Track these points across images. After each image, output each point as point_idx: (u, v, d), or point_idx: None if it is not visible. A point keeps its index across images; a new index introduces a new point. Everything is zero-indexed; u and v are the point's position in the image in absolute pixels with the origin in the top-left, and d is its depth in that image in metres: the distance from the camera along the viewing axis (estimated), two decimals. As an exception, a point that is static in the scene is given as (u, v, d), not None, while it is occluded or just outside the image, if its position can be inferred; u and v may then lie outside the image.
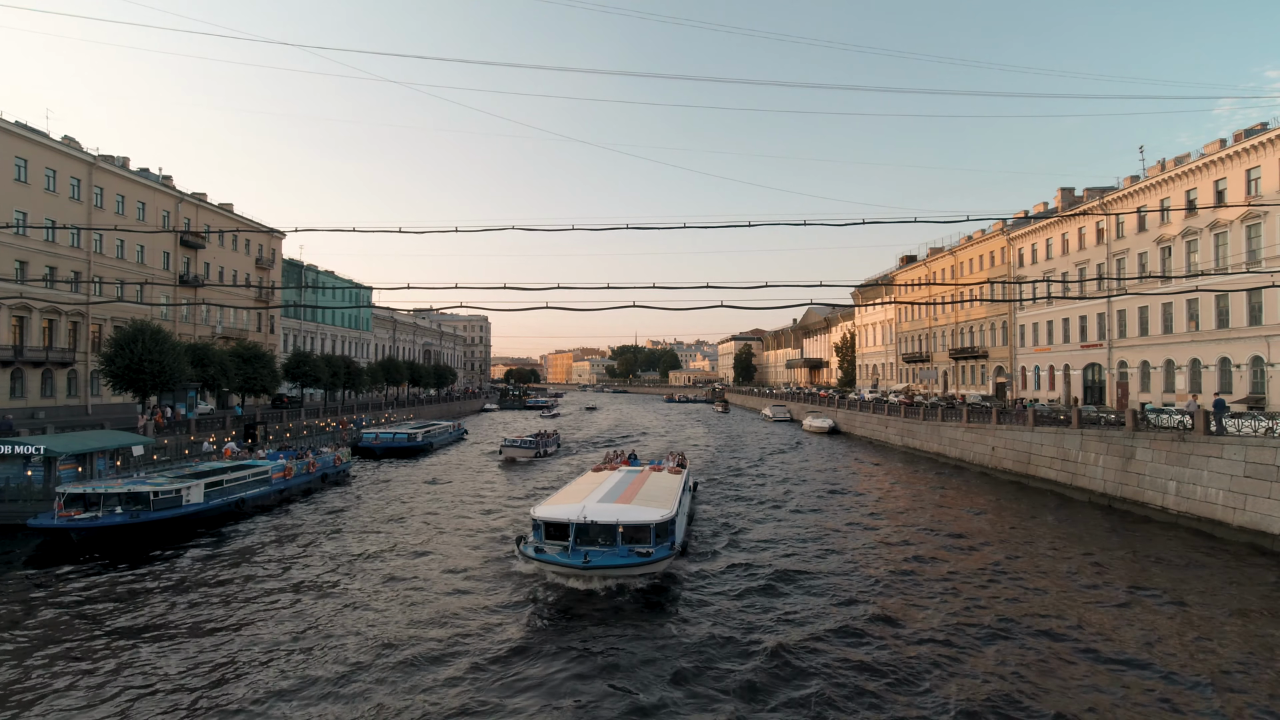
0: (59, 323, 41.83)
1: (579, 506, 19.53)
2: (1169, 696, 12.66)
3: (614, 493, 21.94)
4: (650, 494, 21.93)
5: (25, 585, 19.07)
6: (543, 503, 21.29)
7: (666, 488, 23.43)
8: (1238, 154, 35.33)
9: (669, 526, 19.25)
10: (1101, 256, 46.22)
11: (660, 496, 21.61)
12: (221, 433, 40.45)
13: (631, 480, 24.57)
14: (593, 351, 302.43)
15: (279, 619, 16.48)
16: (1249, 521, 23.01)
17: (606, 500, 20.70)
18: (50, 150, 41.41)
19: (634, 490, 22.57)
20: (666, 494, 22.23)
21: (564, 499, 21.37)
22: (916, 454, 48.30)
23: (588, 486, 23.35)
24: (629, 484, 23.70)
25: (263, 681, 13.17)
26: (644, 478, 25.25)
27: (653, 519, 18.72)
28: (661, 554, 18.26)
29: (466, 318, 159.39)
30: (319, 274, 79.00)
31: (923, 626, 16.03)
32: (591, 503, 20.17)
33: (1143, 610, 17.23)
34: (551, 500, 21.66)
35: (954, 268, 67.81)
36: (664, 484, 24.16)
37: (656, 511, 19.31)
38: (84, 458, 27.35)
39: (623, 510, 19.33)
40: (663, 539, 18.80)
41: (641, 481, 24.28)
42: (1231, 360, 35.60)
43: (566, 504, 20.24)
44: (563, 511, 19.11)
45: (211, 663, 14.01)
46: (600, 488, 22.74)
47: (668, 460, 32.53)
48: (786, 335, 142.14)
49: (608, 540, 18.35)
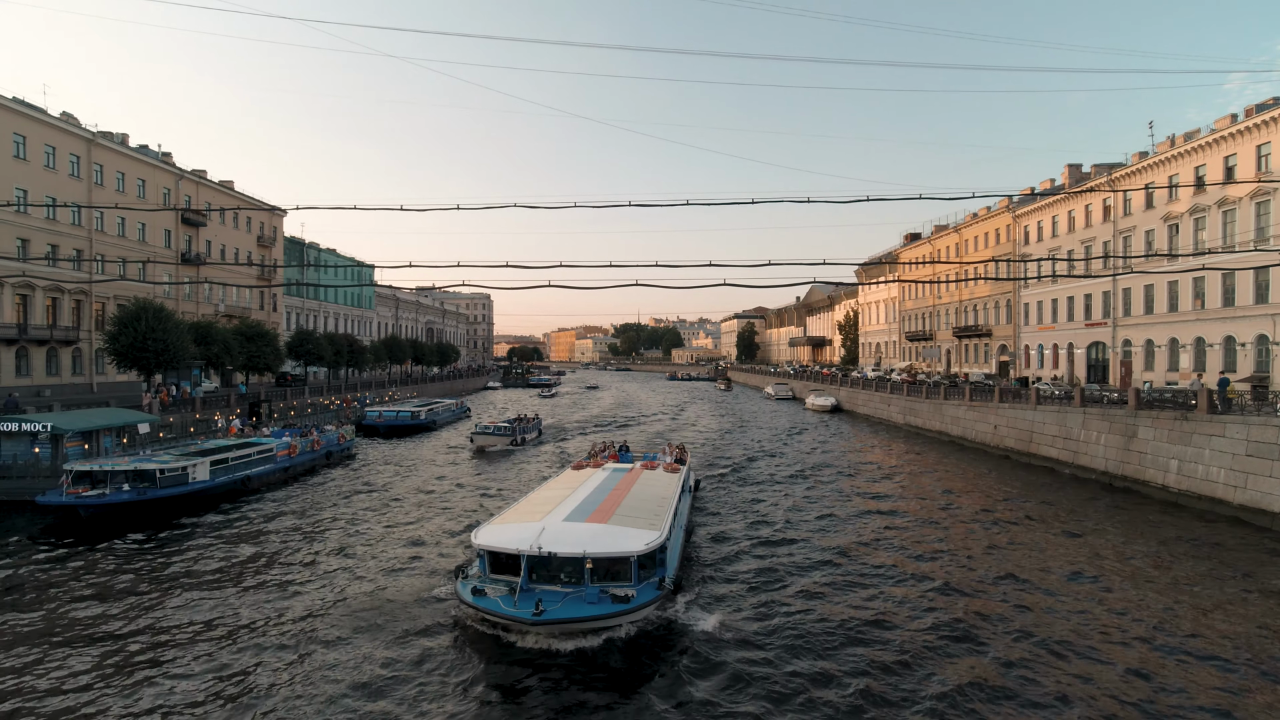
0: (62, 301, 41.85)
1: (537, 527, 14.83)
2: (1170, 672, 12.80)
3: (590, 503, 17.56)
4: (637, 504, 17.66)
5: (34, 561, 19.31)
6: (491, 522, 16.25)
7: (659, 495, 19.05)
8: (1248, 129, 34.83)
9: (657, 556, 14.90)
10: (1108, 234, 45.83)
11: (649, 508, 17.24)
12: (226, 411, 40.64)
13: (617, 482, 20.34)
14: (596, 330, 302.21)
15: (279, 594, 16.70)
16: (1250, 500, 23.09)
17: (577, 516, 16.15)
18: (48, 126, 41.11)
19: (617, 498, 18.31)
20: (658, 504, 17.85)
21: (521, 515, 16.66)
22: (919, 432, 48.40)
23: (558, 493, 18.97)
24: (612, 488, 19.52)
25: (263, 662, 13.37)
26: (633, 479, 21.03)
27: (634, 548, 14.20)
28: (646, 596, 13.95)
29: (469, 295, 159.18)
30: (321, 252, 78.78)
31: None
32: (555, 522, 15.49)
33: (1140, 588, 17.36)
34: (503, 517, 16.68)
35: (958, 245, 67.34)
36: (657, 488, 19.95)
37: (640, 536, 14.79)
38: (91, 435, 27.54)
39: (594, 534, 14.83)
40: (649, 573, 14.58)
41: (629, 485, 20.04)
42: (1237, 339, 35.44)
43: (521, 524, 15.54)
44: (514, 537, 14.55)
45: (214, 638, 14.23)
46: (574, 495, 18.38)
47: (664, 454, 27.46)
48: (789, 313, 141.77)
49: (573, 576, 13.94)
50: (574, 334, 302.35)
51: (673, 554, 16.21)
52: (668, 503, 18.09)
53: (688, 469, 25.03)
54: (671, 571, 15.49)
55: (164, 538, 21.64)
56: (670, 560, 15.70)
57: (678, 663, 13.17)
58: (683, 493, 21.29)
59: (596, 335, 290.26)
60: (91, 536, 21.49)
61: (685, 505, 21.68)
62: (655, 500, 18.28)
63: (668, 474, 22.46)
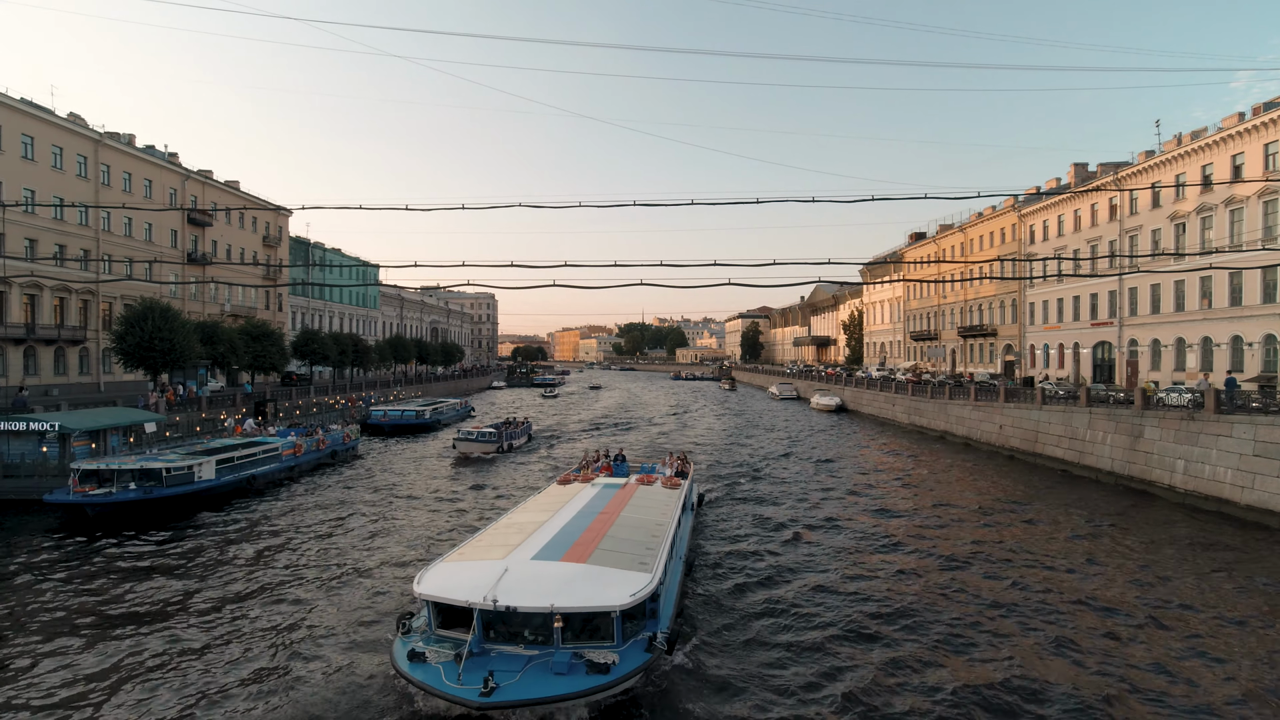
0: (70, 301, 42.05)
1: (497, 569, 11.85)
2: (1179, 671, 12.75)
3: (570, 532, 14.57)
4: (628, 534, 14.70)
5: (42, 558, 19.43)
6: (443, 559, 13.18)
7: (654, 520, 16.23)
8: (1256, 128, 34.63)
9: (647, 606, 11.94)
10: (1114, 233, 45.63)
11: (641, 539, 14.39)
12: (232, 410, 40.79)
13: (607, 503, 17.62)
14: (600, 329, 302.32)
15: (281, 595, 16.76)
16: (1257, 500, 22.97)
17: (551, 552, 13.09)
18: (56, 127, 41.31)
19: (604, 524, 15.33)
20: (652, 534, 14.96)
21: (482, 549, 13.54)
22: (924, 432, 48.28)
23: (534, 518, 15.95)
24: (600, 511, 16.65)
25: (260, 659, 13.44)
26: (626, 497, 18.36)
27: (616, 601, 11.12)
28: (632, 662, 10.96)
29: (474, 295, 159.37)
30: (326, 252, 79.00)
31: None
32: (521, 561, 12.50)
33: (1148, 589, 17.29)
34: (461, 552, 13.53)
35: (964, 244, 67.13)
36: (652, 511, 17.13)
37: (627, 582, 11.78)
38: (98, 434, 27.69)
39: (569, 579, 11.80)
40: (637, 626, 11.66)
41: (620, 506, 17.30)
42: (1244, 339, 35.26)
43: (480, 562, 12.54)
44: (467, 582, 11.48)
45: (217, 636, 14.31)
46: (552, 521, 15.34)
47: (664, 465, 24.40)
48: (794, 313, 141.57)
49: (540, 634, 11.03)
50: (578, 333, 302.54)
51: (667, 600, 13.29)
52: (664, 531, 15.30)
53: (689, 483, 22.27)
54: (666, 623, 12.40)
55: (168, 537, 21.74)
56: (664, 609, 12.75)
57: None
58: (684, 513, 18.74)
59: (601, 335, 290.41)
60: (98, 535, 21.61)
61: (686, 529, 19.11)
62: (649, 528, 15.44)
63: (667, 490, 19.96)
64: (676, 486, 20.44)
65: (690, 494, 21.60)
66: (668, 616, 12.80)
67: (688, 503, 20.45)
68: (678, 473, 23.14)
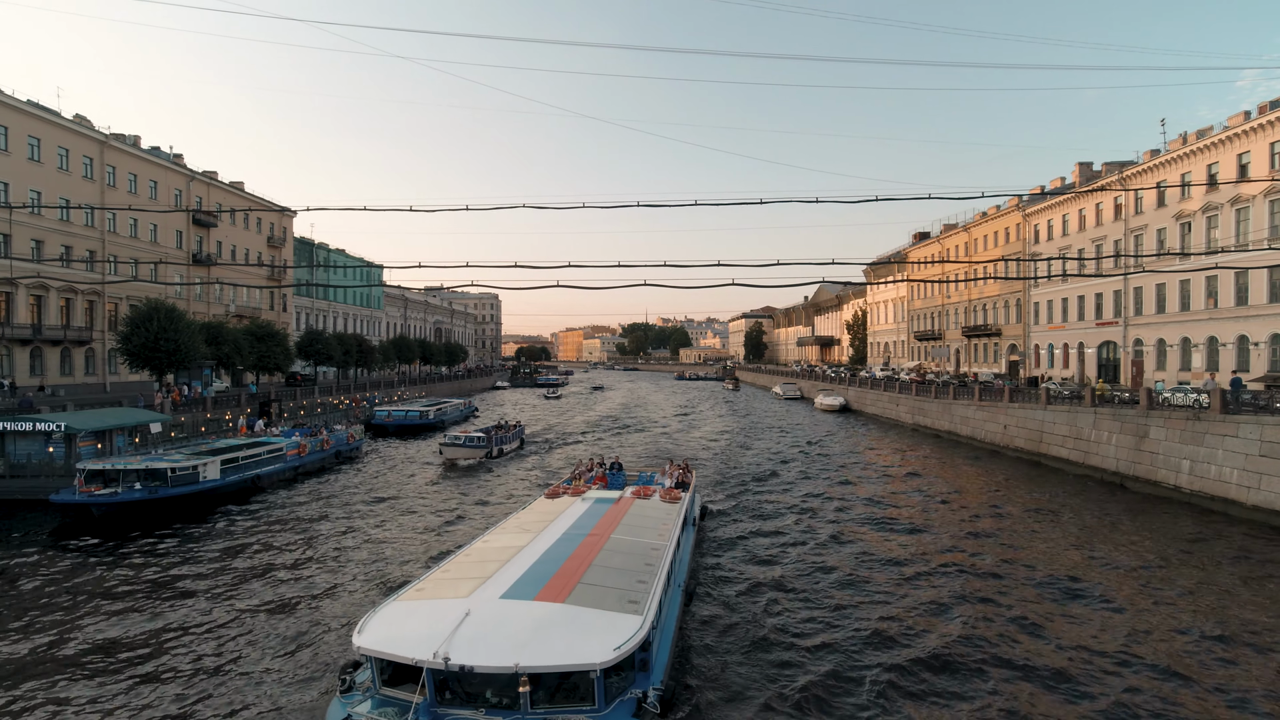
0: (76, 301, 42.27)
1: (457, 612, 9.66)
2: (1191, 672, 12.72)
3: (551, 559, 12.47)
4: (618, 562, 12.70)
5: (48, 558, 19.54)
6: (396, 598, 10.75)
7: (649, 544, 14.07)
8: (1261, 127, 34.49)
9: (637, 658, 9.82)
10: (1119, 233, 45.50)
11: (634, 570, 12.29)
12: (237, 410, 40.94)
13: (597, 521, 15.50)
14: (603, 329, 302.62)
15: (284, 595, 16.83)
16: (1263, 501, 22.87)
17: (524, 588, 10.84)
18: (62, 129, 41.54)
19: (591, 548, 13.26)
20: (646, 562, 12.87)
21: (444, 583, 11.27)
22: (927, 432, 48.20)
23: (512, 540, 13.85)
24: (588, 532, 14.54)
25: (263, 657, 13.49)
26: (619, 514, 16.37)
27: (596, 658, 8.94)
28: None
29: (477, 295, 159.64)
30: (330, 252, 79.27)
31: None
32: (487, 601, 10.24)
33: (1157, 591, 17.23)
34: (419, 588, 11.17)
35: (968, 244, 67.00)
36: (648, 532, 15.02)
37: (611, 630, 9.52)
38: (104, 435, 27.83)
39: (540, 626, 9.57)
40: (623, 682, 9.55)
41: (612, 524, 15.30)
42: (1250, 338, 35.11)
43: (439, 602, 10.31)
44: (417, 632, 9.33)
45: (223, 635, 14.36)
46: (532, 546, 13.26)
47: (663, 475, 22.39)
48: (798, 313, 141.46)
49: (503, 696, 9.03)
50: (582, 334, 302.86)
51: (662, 645, 11.16)
52: (660, 557, 13.13)
53: (691, 495, 20.28)
54: (660, 675, 10.28)
55: (171, 536, 21.84)
56: (658, 657, 10.61)
57: None
58: (684, 530, 16.74)
59: (604, 335, 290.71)
60: (104, 534, 21.72)
61: (687, 549, 17.05)
62: (643, 553, 13.34)
63: (665, 505, 17.96)
64: (676, 500, 18.54)
65: (692, 507, 19.71)
66: (662, 666, 10.67)
67: (689, 518, 18.55)
68: (678, 483, 21.25)
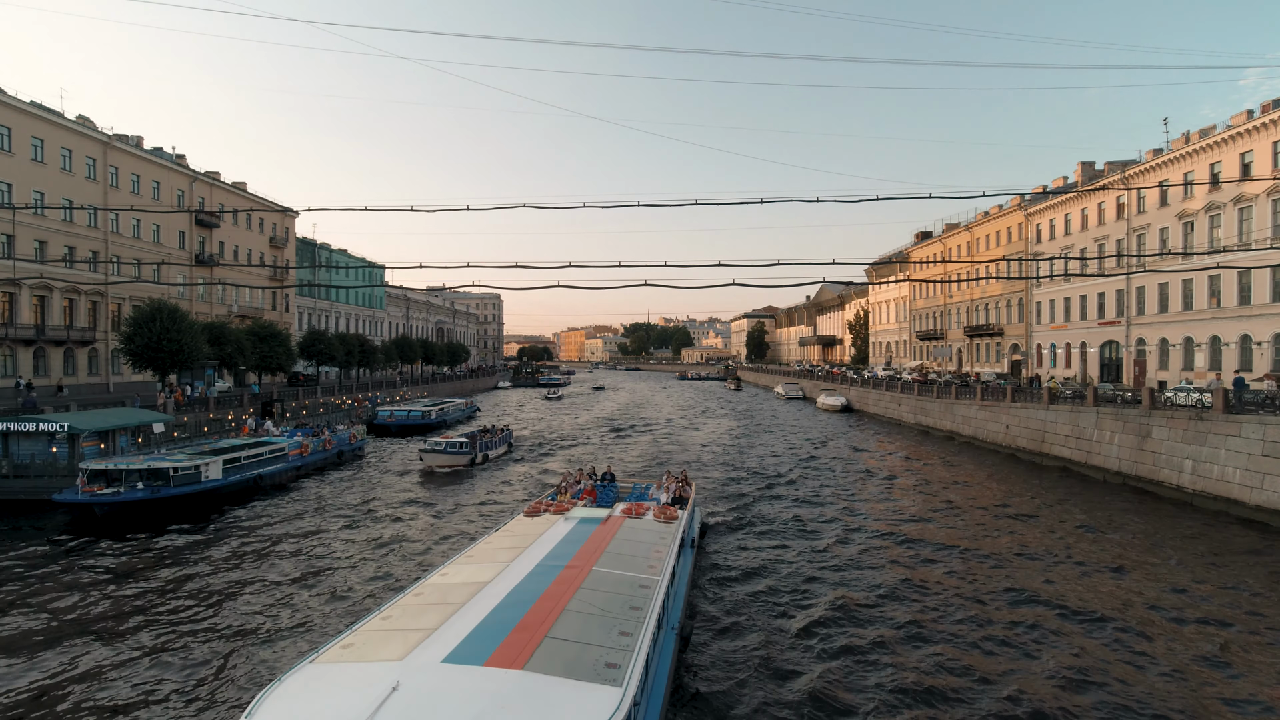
0: (79, 302, 42.37)
1: (384, 683, 7.49)
2: (1189, 672, 12.70)
3: (517, 602, 10.07)
4: (599, 600, 10.52)
5: (51, 558, 19.59)
6: (313, 659, 8.37)
7: (639, 579, 11.76)
8: (1264, 125, 34.41)
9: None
10: (1121, 232, 45.42)
11: (615, 615, 9.97)
12: (239, 410, 41.02)
13: (580, 546, 13.26)
14: (605, 329, 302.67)
15: (281, 595, 16.87)
16: (1266, 500, 22.83)
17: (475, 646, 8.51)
18: (65, 130, 41.64)
19: (568, 585, 10.91)
20: (633, 602, 10.58)
21: (374, 641, 8.79)
22: (930, 432, 48.15)
23: (474, 575, 11.39)
24: (568, 562, 12.19)
25: (268, 654, 13.51)
26: (607, 536, 14.08)
27: None
28: None
29: (479, 296, 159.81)
30: (332, 253, 79.38)
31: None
32: (425, 666, 8.02)
33: (1156, 589, 17.21)
34: (343, 645, 8.73)
35: (970, 244, 66.92)
36: (637, 562, 12.70)
37: (581, 715, 7.28)
38: (106, 435, 27.89)
39: (484, 711, 7.14)
40: None
41: (596, 550, 13.02)
42: (1253, 337, 35.03)
43: (364, 667, 8.07)
44: (324, 714, 7.22)
45: (222, 634, 14.40)
46: (498, 583, 10.86)
47: (659, 488, 20.38)
48: (799, 313, 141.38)
49: None
50: (584, 334, 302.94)
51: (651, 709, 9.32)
52: (649, 598, 10.79)
53: (690, 512, 17.97)
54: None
55: (171, 536, 21.89)
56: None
57: None
58: (680, 557, 14.40)
59: (606, 335, 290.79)
60: (106, 534, 21.77)
61: (683, 579, 14.75)
62: (630, 593, 10.97)
63: (660, 526, 15.68)
64: (672, 520, 16.16)
65: (691, 526, 17.55)
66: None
67: (687, 539, 16.38)
68: (675, 499, 19.08)
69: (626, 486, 21.98)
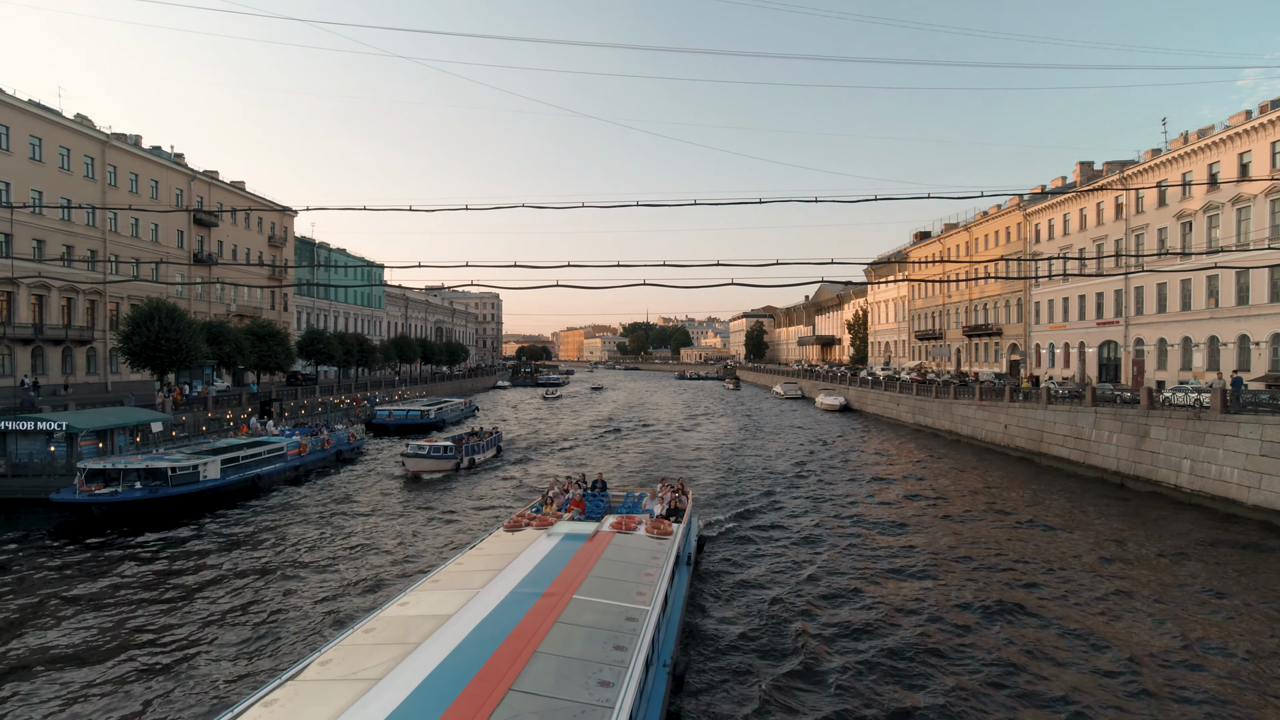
0: (77, 301, 42.32)
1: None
2: (1182, 674, 12.71)
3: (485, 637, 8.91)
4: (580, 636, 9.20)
5: (48, 557, 19.57)
6: (248, 707, 7.13)
7: (625, 610, 10.28)
8: (1263, 126, 34.45)
9: None
10: (1120, 232, 45.46)
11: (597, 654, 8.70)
12: (238, 410, 40.98)
13: (563, 567, 11.96)
14: (604, 329, 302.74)
15: (277, 595, 16.85)
16: (1264, 500, 22.87)
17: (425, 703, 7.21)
18: (63, 129, 41.58)
19: (546, 615, 9.70)
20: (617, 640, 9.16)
21: (301, 698, 7.31)
22: (928, 432, 48.19)
23: (440, 605, 10.07)
24: (546, 589, 10.77)
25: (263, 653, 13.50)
26: (593, 555, 12.77)
27: None
28: None
29: (478, 295, 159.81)
30: (331, 252, 79.34)
31: None
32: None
33: (1152, 590, 17.23)
34: (259, 708, 7.12)
35: (969, 244, 66.97)
36: (627, 586, 11.34)
37: None
38: (105, 434, 27.87)
39: None
40: None
41: (581, 572, 11.73)
42: (1251, 338, 35.08)
43: None
44: None
45: (219, 637, 14.39)
46: (466, 613, 9.66)
47: (653, 499, 18.71)
48: (798, 312, 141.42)
49: None
50: (582, 333, 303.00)
51: None
52: (638, 632, 9.46)
53: (686, 525, 16.59)
54: None
55: (173, 534, 21.87)
56: None
57: None
58: (674, 579, 13.21)
59: (605, 334, 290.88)
60: (104, 533, 21.76)
61: (676, 606, 13.02)
62: (615, 626, 9.63)
63: (653, 542, 14.22)
64: (667, 535, 14.70)
65: (687, 541, 16.33)
66: None
67: (682, 556, 15.05)
68: (670, 510, 17.73)
69: (618, 496, 20.26)
